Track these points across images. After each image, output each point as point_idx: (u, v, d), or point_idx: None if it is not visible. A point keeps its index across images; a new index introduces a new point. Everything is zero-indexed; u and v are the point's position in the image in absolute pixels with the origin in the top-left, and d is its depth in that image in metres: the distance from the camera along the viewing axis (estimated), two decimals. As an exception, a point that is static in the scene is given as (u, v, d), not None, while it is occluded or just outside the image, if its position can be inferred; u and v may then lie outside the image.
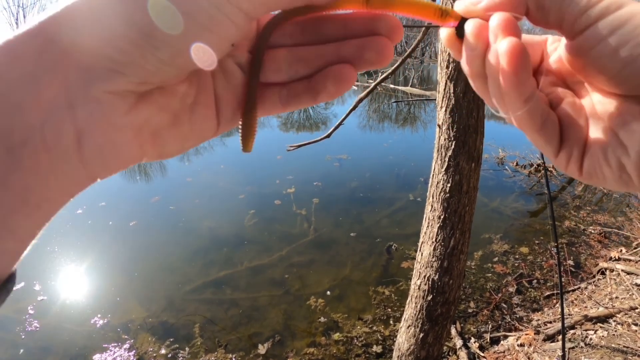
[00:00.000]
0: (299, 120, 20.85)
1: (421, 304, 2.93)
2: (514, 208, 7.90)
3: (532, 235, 6.67)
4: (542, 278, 5.59)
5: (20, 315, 5.63)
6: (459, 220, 2.76)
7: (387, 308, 5.36)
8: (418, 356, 3.03)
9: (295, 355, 4.71)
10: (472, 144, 2.63)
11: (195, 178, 11.66)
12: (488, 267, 5.93)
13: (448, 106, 2.59)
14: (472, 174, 2.70)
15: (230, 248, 7.39)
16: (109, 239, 7.78)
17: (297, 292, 6.01)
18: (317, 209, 8.56)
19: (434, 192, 2.80)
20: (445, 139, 2.66)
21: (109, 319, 5.54)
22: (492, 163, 10.49)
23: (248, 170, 12.24)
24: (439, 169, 2.75)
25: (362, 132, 17.02)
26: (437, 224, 2.80)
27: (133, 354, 4.92)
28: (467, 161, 2.65)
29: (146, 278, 6.56)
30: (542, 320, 4.47)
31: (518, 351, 3.83)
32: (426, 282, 2.89)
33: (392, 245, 6.88)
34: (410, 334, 3.04)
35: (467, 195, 2.72)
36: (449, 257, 2.81)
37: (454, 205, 2.73)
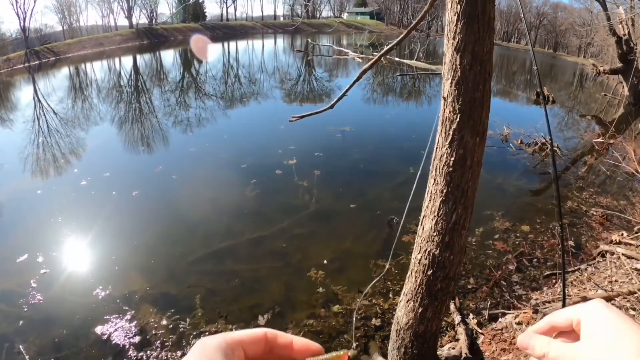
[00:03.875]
0: (303, 92, 20.64)
1: (421, 278, 2.91)
2: (516, 186, 7.85)
3: (534, 214, 6.63)
4: (542, 257, 5.57)
5: (24, 289, 5.67)
6: (462, 195, 2.70)
7: (386, 281, 5.38)
8: (417, 330, 3.02)
9: (294, 327, 4.74)
10: (478, 117, 2.55)
11: (199, 148, 11.64)
12: (489, 244, 5.92)
13: (454, 78, 2.50)
14: (477, 148, 2.62)
15: (232, 219, 7.41)
16: (112, 210, 7.79)
17: (298, 264, 6.03)
18: (318, 181, 8.53)
19: (437, 166, 2.74)
20: (450, 111, 2.58)
21: (110, 291, 5.57)
22: (496, 139, 10.38)
23: (251, 140, 12.19)
24: (442, 142, 2.67)
25: (366, 104, 16.86)
26: (440, 198, 2.74)
27: (134, 325, 4.95)
28: (472, 135, 2.57)
29: (148, 249, 6.58)
30: (540, 300, 4.46)
31: (516, 329, 3.82)
32: (427, 256, 2.86)
33: (394, 219, 6.86)
34: (409, 308, 3.03)
35: (470, 170, 2.65)
36: (450, 232, 2.76)
37: (457, 180, 2.67)
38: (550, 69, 31.66)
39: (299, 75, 26.23)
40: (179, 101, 18.78)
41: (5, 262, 6.36)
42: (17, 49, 40.84)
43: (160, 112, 16.45)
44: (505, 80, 20.38)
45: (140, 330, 4.88)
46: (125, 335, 4.80)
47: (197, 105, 17.36)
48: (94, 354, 4.60)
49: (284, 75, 25.73)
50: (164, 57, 38.72)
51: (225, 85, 23.30)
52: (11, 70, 34.50)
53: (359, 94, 18.25)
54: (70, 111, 17.78)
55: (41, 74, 32.36)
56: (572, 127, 11.97)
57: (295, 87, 21.96)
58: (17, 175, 10.21)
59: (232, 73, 28.14)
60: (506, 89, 18.85)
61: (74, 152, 11.78)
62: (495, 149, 9.75)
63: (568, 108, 14.31)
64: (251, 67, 30.10)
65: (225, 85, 23.30)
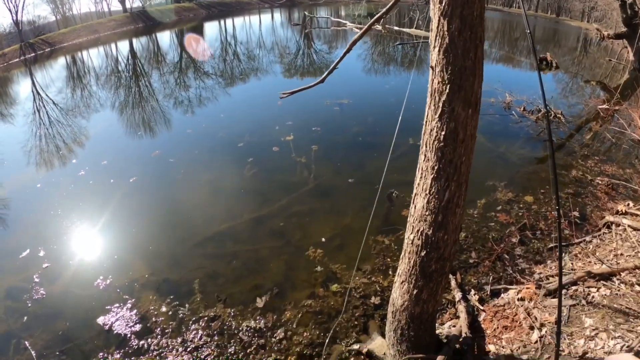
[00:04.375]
0: (303, 65, 20.24)
1: (414, 259, 2.78)
2: (520, 155, 7.61)
3: (538, 184, 6.41)
4: (546, 229, 5.39)
5: (27, 284, 5.71)
6: (455, 171, 2.53)
7: (386, 258, 5.29)
8: (412, 312, 2.92)
9: (293, 308, 4.68)
10: (469, 88, 2.36)
11: (196, 129, 11.47)
12: (491, 216, 5.75)
13: (442, 46, 2.31)
14: (469, 121, 2.44)
15: (230, 200, 7.32)
16: (110, 198, 7.72)
17: (298, 243, 5.95)
18: (316, 156, 8.38)
19: (427, 141, 2.57)
20: (439, 82, 2.39)
21: (111, 280, 5.56)
22: (498, 107, 10.10)
23: (248, 118, 11.99)
24: (432, 115, 2.50)
25: (366, 75, 16.51)
26: (431, 175, 2.59)
27: (135, 314, 4.94)
28: (464, 107, 2.39)
29: (147, 235, 6.53)
30: (544, 274, 4.30)
31: (518, 305, 3.68)
32: (420, 236, 2.72)
33: (393, 193, 6.72)
34: (404, 290, 2.92)
35: (463, 144, 2.48)
36: (443, 210, 2.61)
37: (448, 155, 2.50)
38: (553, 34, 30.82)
39: (298, 49, 25.68)
40: (178, 82, 18.52)
41: (9, 258, 6.39)
42: (12, 43, 40.38)
43: (160, 95, 16.24)
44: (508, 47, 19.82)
45: (141, 318, 4.87)
46: (127, 324, 4.80)
47: (197, 85, 17.10)
48: (98, 345, 4.62)
49: (283, 50, 25.23)
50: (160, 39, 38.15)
51: (224, 63, 22.92)
52: (7, 65, 34.21)
53: (358, 65, 17.87)
54: (70, 101, 17.63)
55: (38, 66, 32.03)
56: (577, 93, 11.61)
57: (295, 61, 21.54)
58: (17, 170, 10.20)
59: (231, 50, 27.66)
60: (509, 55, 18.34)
61: (73, 142, 11.69)
62: (498, 117, 9.48)
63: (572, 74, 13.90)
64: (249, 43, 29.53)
65: (224, 63, 22.92)
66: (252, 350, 4.20)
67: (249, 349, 4.22)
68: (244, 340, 4.33)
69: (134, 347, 4.49)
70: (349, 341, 4.09)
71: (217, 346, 4.31)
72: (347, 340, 4.12)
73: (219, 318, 4.68)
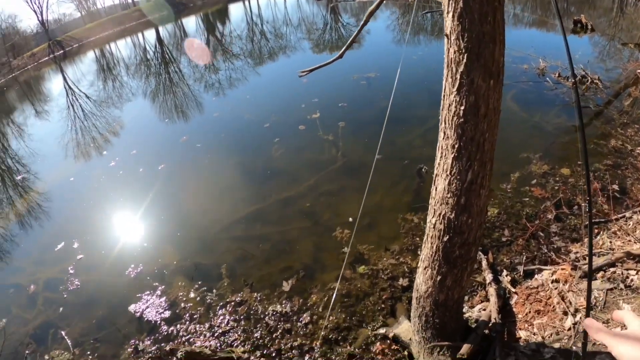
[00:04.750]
0: (331, 40, 19.85)
1: (437, 244, 2.60)
2: (555, 124, 7.10)
3: (575, 155, 5.90)
4: (583, 204, 4.93)
5: (63, 275, 5.94)
6: (477, 149, 2.30)
7: (415, 237, 5.09)
8: (436, 299, 2.76)
9: (319, 291, 4.61)
10: (489, 56, 2.10)
11: (222, 112, 11.49)
12: (525, 191, 5.38)
13: (456, 10, 2.06)
14: (491, 93, 2.19)
15: (259, 181, 7.29)
16: (139, 187, 7.87)
17: (327, 223, 5.83)
18: (344, 133, 8.18)
19: (446, 117, 2.34)
20: (455, 51, 2.15)
21: (141, 268, 5.68)
22: (532, 74, 9.48)
23: (274, 98, 11.89)
24: (450, 89, 2.26)
25: (395, 46, 15.99)
26: (452, 155, 2.36)
27: (164, 300, 5.03)
28: (484, 78, 2.14)
29: (176, 222, 6.61)
30: (581, 254, 3.94)
31: (552, 288, 3.41)
32: (442, 220, 2.53)
33: (423, 168, 6.47)
34: (428, 276, 2.75)
35: (485, 119, 2.23)
36: (466, 192, 2.39)
37: (470, 132, 2.26)
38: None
39: (325, 23, 25.20)
40: (208, 66, 18.57)
41: (45, 251, 6.69)
42: (40, 42, 41.65)
43: (190, 80, 16.36)
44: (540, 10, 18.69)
45: (170, 304, 4.94)
46: (157, 311, 4.89)
47: (226, 67, 17.09)
48: (130, 332, 4.74)
49: (310, 26, 24.80)
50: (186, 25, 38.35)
51: (252, 43, 22.79)
52: (38, 64, 35.41)
53: (387, 36, 17.33)
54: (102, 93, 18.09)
55: (67, 62, 33.02)
56: (614, 56, 10.72)
57: (323, 36, 21.14)
58: (53, 165, 10.61)
59: (257, 30, 27.47)
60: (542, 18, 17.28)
61: (105, 134, 11.99)
62: (531, 84, 8.89)
63: (609, 36, 12.92)
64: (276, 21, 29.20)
65: (252, 43, 22.79)
66: (277, 335, 4.17)
67: (275, 334, 4.19)
68: (270, 325, 4.31)
69: (163, 333, 4.57)
70: (375, 325, 3.99)
71: (244, 331, 4.31)
72: (373, 324, 4.02)
73: (245, 303, 4.68)
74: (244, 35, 25.77)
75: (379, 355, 3.65)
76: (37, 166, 10.93)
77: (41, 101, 21.04)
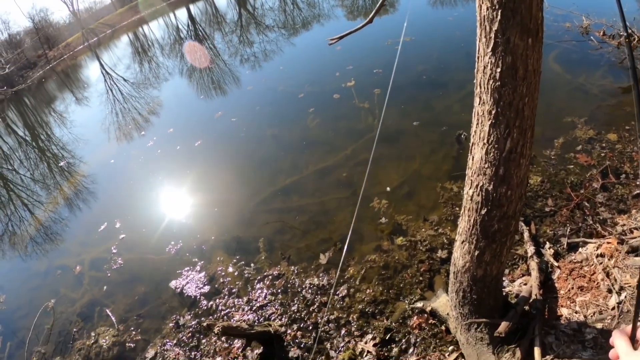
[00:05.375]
0: (365, 5, 19.24)
1: (474, 217, 2.46)
2: (601, 86, 6.51)
3: (622, 119, 5.39)
4: (631, 172, 4.55)
5: (107, 255, 6.22)
6: (516, 115, 2.11)
7: (454, 207, 4.89)
8: (474, 275, 2.63)
9: (356, 264, 4.56)
10: (526, 11, 1.89)
11: (256, 86, 11.45)
12: (570, 158, 5.00)
13: (489, -39, 1.88)
14: (530, 52, 1.98)
15: (295, 153, 7.27)
16: (176, 165, 8.05)
17: (365, 193, 5.66)
18: (380, 100, 7.94)
19: (482, 80, 2.16)
20: (488, 7, 1.95)
21: (181, 245, 5.83)
22: (575, 33, 8.74)
23: (307, 67, 11.75)
24: (484, 49, 2.07)
25: (430, 8, 15.27)
26: (488, 121, 2.19)
27: (203, 275, 5.16)
28: (521, 36, 1.94)
29: (214, 197, 6.72)
30: (628, 226, 3.61)
31: (596, 263, 3.16)
32: (479, 192, 2.38)
33: (462, 134, 6.19)
34: (465, 250, 2.62)
35: (524, 82, 2.04)
36: (505, 162, 2.22)
37: (507, 97, 2.08)
38: None
39: (359, -15, 24.41)
40: (241, 40, 18.50)
41: (89, 233, 7.02)
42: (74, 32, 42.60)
43: (225, 55, 16.36)
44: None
45: (209, 280, 5.06)
46: (196, 286, 5.02)
47: (260, 39, 16.96)
48: (172, 307, 4.91)
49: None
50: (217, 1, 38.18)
51: (285, 14, 22.44)
52: (73, 53, 36.38)
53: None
54: (139, 75, 18.46)
55: (102, 49, 33.72)
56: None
57: (357, 1, 20.52)
58: (94, 149, 11.01)
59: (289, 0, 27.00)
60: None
61: (144, 114, 12.26)
62: (575, 44, 8.19)
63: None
64: (307, -11, 28.58)
65: (285, 14, 22.44)
66: (314, 309, 4.18)
67: (312, 307, 4.20)
68: (307, 298, 4.32)
69: (203, 308, 4.70)
70: (413, 298, 3.91)
71: (281, 304, 4.36)
72: (410, 297, 3.94)
73: (282, 276, 4.71)
74: (276, 7, 25.39)
75: (415, 330, 3.59)
76: (80, 151, 11.43)
77: (80, 88, 21.71)
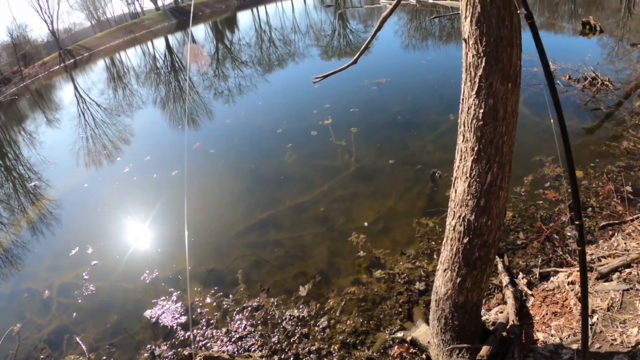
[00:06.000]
0: (340, 47, 19.96)
1: (457, 246, 2.63)
2: (567, 126, 7.09)
3: (587, 157, 5.92)
4: (597, 206, 4.97)
5: (78, 281, 6.02)
6: (496, 152, 2.35)
7: (430, 241, 5.10)
8: (456, 301, 2.78)
9: (336, 296, 4.63)
10: (507, 60, 2.15)
11: (234, 119, 11.62)
12: (539, 194, 5.39)
13: (473, 15, 2.11)
14: (510, 96, 2.24)
15: (272, 187, 7.34)
16: (153, 193, 7.97)
17: (341, 228, 5.86)
18: (357, 139, 8.22)
19: (465, 120, 2.39)
20: (473, 55, 2.20)
21: (156, 274, 5.73)
22: (542, 77, 9.48)
23: (286, 104, 12.00)
24: (469, 92, 2.31)
25: (404, 52, 16.02)
26: (471, 157, 2.41)
27: (180, 306, 5.07)
28: (502, 81, 2.19)
29: (190, 227, 6.61)
30: (596, 255, 3.93)
31: (568, 290, 3.41)
32: (461, 222, 2.57)
33: (437, 172, 6.48)
34: (447, 278, 2.78)
35: (504, 122, 2.28)
36: (486, 194, 2.44)
37: (489, 135, 2.31)
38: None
39: (333, 30, 25.33)
40: (217, 73, 18.79)
41: (59, 257, 6.78)
42: (51, 51, 42.30)
43: (200, 87, 16.56)
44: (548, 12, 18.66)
45: (186, 310, 4.97)
46: (173, 316, 4.93)
47: (235, 74, 17.29)
48: (146, 337, 4.77)
49: (318, 32, 24.96)
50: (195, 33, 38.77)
51: (261, 50, 22.99)
52: (49, 73, 35.99)
53: (395, 42, 17.36)
54: (112, 101, 18.39)
55: (78, 71, 33.54)
56: (623, 57, 10.66)
57: (331, 42, 21.26)
58: (65, 171, 10.78)
59: (266, 37, 27.71)
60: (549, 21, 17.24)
61: (117, 141, 12.19)
62: (542, 87, 8.89)
63: (617, 37, 12.87)
64: (284, 29, 29.43)
65: (261, 50, 22.99)
66: (295, 340, 4.19)
67: (292, 338, 4.21)
68: (288, 330, 4.33)
69: (180, 338, 4.61)
70: (393, 329, 4.00)
71: (261, 336, 4.34)
72: (391, 327, 4.03)
73: (262, 308, 4.71)
74: (252, 43, 26.01)
75: (397, 359, 3.66)
76: (48, 173, 11.11)
77: (52, 109, 21.37)
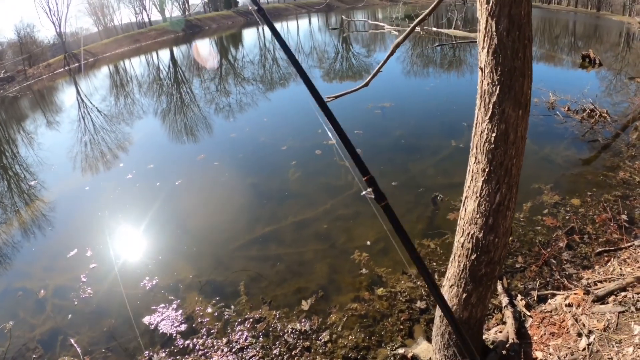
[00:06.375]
0: (342, 69, 20.34)
1: (464, 263, 2.76)
2: (565, 156, 7.33)
3: (584, 186, 6.16)
4: (594, 233, 5.19)
5: (75, 283, 5.98)
6: (505, 173, 2.50)
7: (431, 262, 5.22)
8: (461, 317, 2.88)
9: (338, 311, 4.70)
10: (519, 88, 2.32)
11: (239, 133, 11.79)
12: (537, 220, 5.58)
13: (490, 46, 2.29)
14: (520, 122, 2.41)
15: (275, 203, 7.44)
16: (155, 200, 8.01)
17: (343, 246, 5.95)
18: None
19: (478, 143, 2.54)
20: (488, 83, 2.37)
21: (157, 281, 5.75)
22: (542, 108, 9.78)
23: (290, 122, 12.21)
24: (482, 117, 2.48)
25: (406, 78, 16.39)
26: (482, 178, 2.56)
27: (180, 314, 5.08)
28: (514, 108, 2.36)
29: (192, 237, 6.72)
30: (592, 279, 4.11)
31: (566, 312, 3.55)
32: (470, 239, 2.70)
33: (438, 196, 6.63)
34: (453, 294, 2.89)
35: (514, 146, 2.44)
36: (494, 213, 2.58)
37: (499, 157, 2.47)
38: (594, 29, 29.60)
39: (337, 52, 25.81)
40: (219, 88, 19.05)
41: (57, 258, 6.72)
42: (56, 53, 42.62)
43: (202, 101, 16.78)
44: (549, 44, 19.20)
45: (186, 318, 4.99)
46: (172, 324, 4.93)
47: (237, 90, 17.52)
48: (144, 343, 4.74)
49: (322, 54, 25.42)
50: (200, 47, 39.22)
51: (264, 68, 23.33)
52: (52, 75, 36.18)
53: (397, 68, 17.77)
54: (114, 108, 18.49)
55: (82, 76, 33.65)
56: (621, 90, 11.06)
57: (334, 65, 21.67)
58: (66, 174, 10.77)
59: (270, 56, 28.14)
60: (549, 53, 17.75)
61: (119, 147, 12.24)
62: (542, 117, 9.16)
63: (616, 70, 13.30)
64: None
65: (264, 68, 23.33)
66: (297, 353, 4.24)
67: (294, 351, 4.26)
68: (289, 342, 4.37)
69: (179, 346, 4.61)
70: (394, 345, 4.07)
71: (262, 347, 4.37)
72: (392, 344, 4.10)
73: (264, 320, 4.75)
74: (256, 61, 26.41)
75: (398, 374, 3.73)
76: (44, 175, 11.05)
77: (53, 111, 21.41)
